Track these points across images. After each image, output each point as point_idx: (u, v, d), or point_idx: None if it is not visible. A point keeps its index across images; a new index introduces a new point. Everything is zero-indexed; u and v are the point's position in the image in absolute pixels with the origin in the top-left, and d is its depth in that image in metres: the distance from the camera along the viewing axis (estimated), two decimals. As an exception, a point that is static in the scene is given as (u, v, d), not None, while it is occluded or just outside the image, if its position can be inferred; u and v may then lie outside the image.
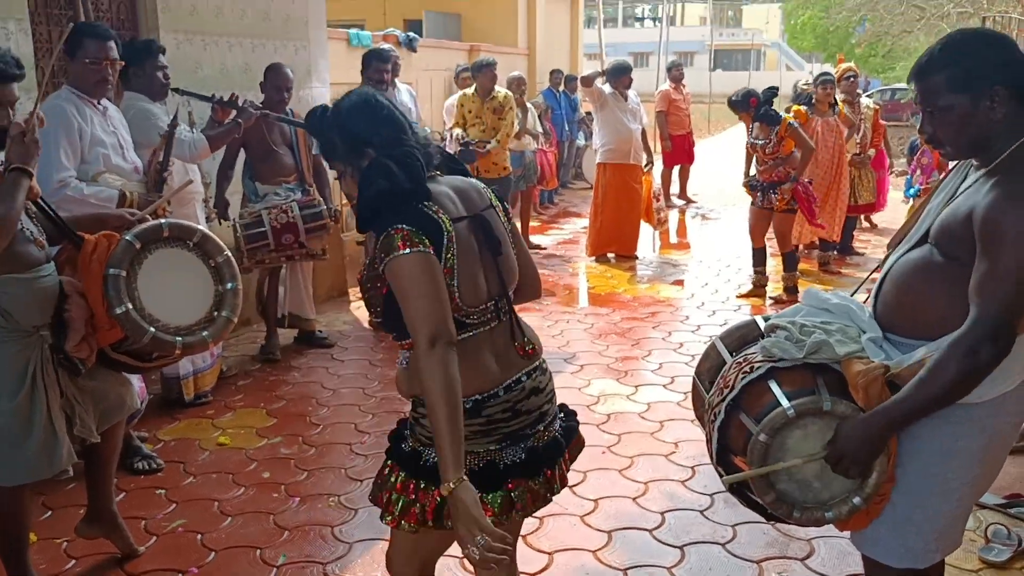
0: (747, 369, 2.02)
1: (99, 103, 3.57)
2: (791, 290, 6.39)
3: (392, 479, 1.97)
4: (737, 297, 6.56)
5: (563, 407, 2.15)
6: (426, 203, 1.86)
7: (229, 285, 2.81)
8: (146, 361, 2.80)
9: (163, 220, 2.80)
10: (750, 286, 6.60)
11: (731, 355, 2.17)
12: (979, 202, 1.75)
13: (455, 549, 3.04)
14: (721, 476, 2.10)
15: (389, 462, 2.02)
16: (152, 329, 2.61)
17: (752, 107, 6.21)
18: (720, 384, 2.10)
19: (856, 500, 1.92)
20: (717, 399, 2.07)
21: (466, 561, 2.49)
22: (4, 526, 2.64)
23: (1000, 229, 1.70)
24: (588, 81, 7.46)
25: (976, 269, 1.74)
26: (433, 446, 1.85)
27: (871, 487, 1.91)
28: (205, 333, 2.75)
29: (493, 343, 1.96)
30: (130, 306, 2.57)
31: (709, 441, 2.09)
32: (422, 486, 1.92)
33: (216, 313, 2.79)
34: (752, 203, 6.43)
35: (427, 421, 1.85)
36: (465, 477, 1.74)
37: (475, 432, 1.89)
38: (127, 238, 2.62)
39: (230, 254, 2.85)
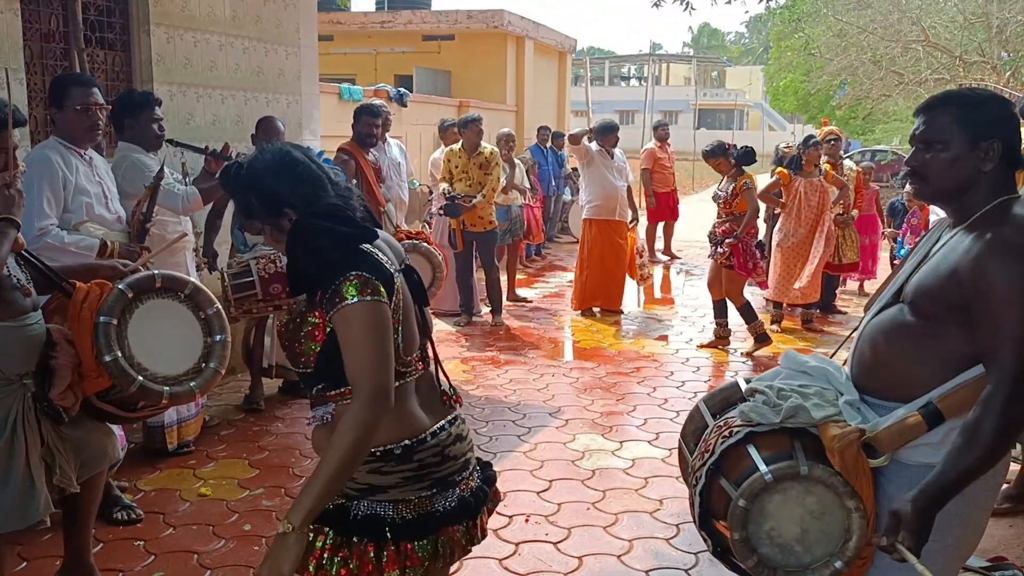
0: (726, 433, 2.05)
1: (84, 153, 3.59)
2: (761, 338, 6.53)
3: (317, 543, 1.85)
4: (698, 347, 6.71)
5: (477, 459, 2.12)
6: (375, 249, 1.87)
7: (218, 337, 2.81)
8: (132, 411, 2.79)
9: (156, 271, 2.81)
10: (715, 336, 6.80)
11: (714, 418, 2.20)
12: (961, 260, 1.78)
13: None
14: (705, 540, 2.11)
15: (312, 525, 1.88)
16: (140, 378, 2.60)
17: (728, 151, 6.53)
18: (701, 448, 2.13)
19: (838, 564, 1.93)
20: (698, 463, 2.09)
21: None
22: None
23: (991, 285, 1.73)
24: (576, 139, 7.59)
25: (980, 330, 1.77)
26: (362, 498, 1.84)
27: (852, 551, 1.91)
28: (192, 384, 2.74)
29: (419, 390, 1.97)
30: (119, 354, 2.57)
31: (692, 505, 2.10)
32: (354, 541, 1.83)
33: (204, 364, 2.79)
34: (710, 255, 6.74)
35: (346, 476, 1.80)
36: (307, 533, 1.73)
37: (407, 478, 1.87)
38: (120, 287, 2.63)
39: (220, 306, 2.86)
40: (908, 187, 7.39)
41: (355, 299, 1.75)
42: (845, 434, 1.87)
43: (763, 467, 1.92)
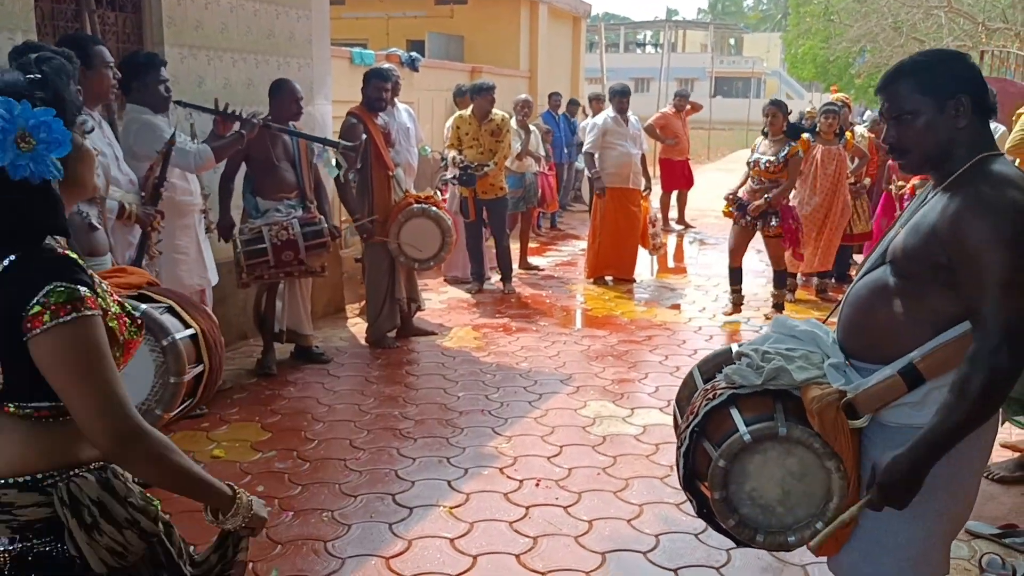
0: (711, 396, 2.07)
1: (93, 115, 3.56)
2: (780, 307, 6.62)
3: None
4: (724, 323, 6.58)
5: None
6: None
7: (172, 379, 2.49)
8: None
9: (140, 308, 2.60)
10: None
11: (705, 383, 2.21)
12: (939, 218, 1.77)
13: (443, 530, 3.04)
14: (691, 500, 2.12)
15: None
16: None
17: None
18: (688, 411, 2.15)
19: (819, 525, 1.94)
20: (684, 426, 2.11)
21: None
22: None
23: (968, 240, 1.72)
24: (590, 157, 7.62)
25: (963, 287, 1.76)
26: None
27: (833, 511, 1.93)
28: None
29: None
30: None
31: (677, 466, 2.12)
32: None
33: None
34: (746, 224, 6.46)
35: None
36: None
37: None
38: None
39: (177, 340, 2.49)
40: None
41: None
42: (824, 395, 1.88)
43: (742, 428, 1.94)
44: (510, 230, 7.78)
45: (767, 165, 6.24)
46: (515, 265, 7.88)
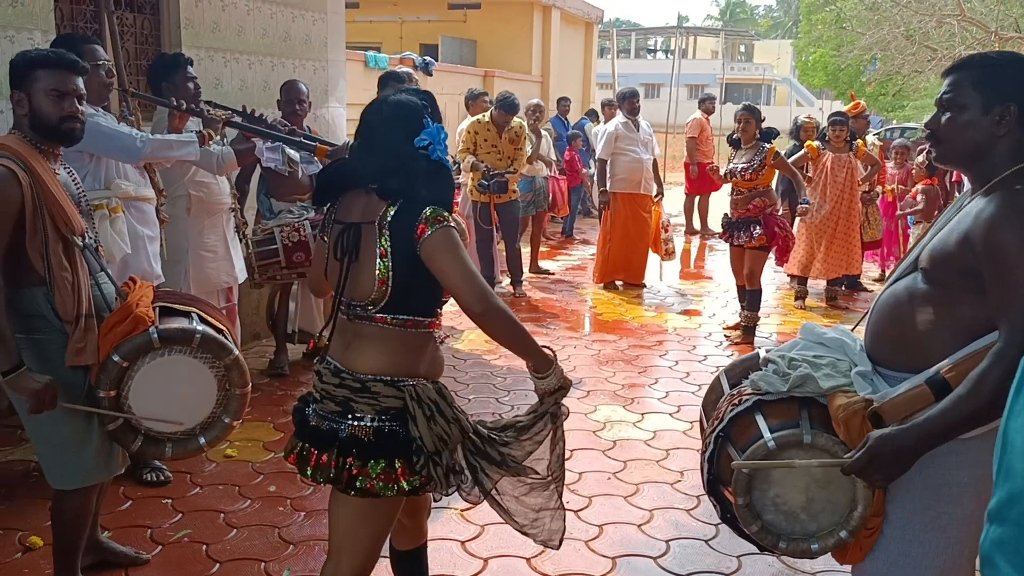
0: (736, 402, 2.07)
1: (98, 111, 3.55)
2: (749, 331, 6.13)
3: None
4: (724, 329, 6.49)
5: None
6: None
7: (238, 391, 2.75)
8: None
9: (198, 328, 2.69)
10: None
11: (731, 388, 2.21)
12: (974, 224, 1.76)
13: (454, 532, 3.05)
14: (715, 506, 2.13)
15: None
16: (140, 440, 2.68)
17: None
18: (714, 416, 2.15)
19: (843, 534, 1.93)
20: (709, 431, 2.11)
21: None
22: (68, 528, 2.70)
23: (1002, 247, 1.71)
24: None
25: (992, 290, 1.75)
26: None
27: (857, 520, 1.92)
28: (202, 440, 2.77)
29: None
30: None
31: (702, 471, 2.12)
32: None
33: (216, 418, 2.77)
34: (733, 239, 6.13)
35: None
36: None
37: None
38: (113, 358, 2.56)
39: (239, 355, 2.74)
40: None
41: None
42: (850, 404, 1.87)
43: (767, 434, 1.94)
44: (520, 234, 7.79)
45: (743, 173, 5.92)
46: (525, 269, 7.89)
